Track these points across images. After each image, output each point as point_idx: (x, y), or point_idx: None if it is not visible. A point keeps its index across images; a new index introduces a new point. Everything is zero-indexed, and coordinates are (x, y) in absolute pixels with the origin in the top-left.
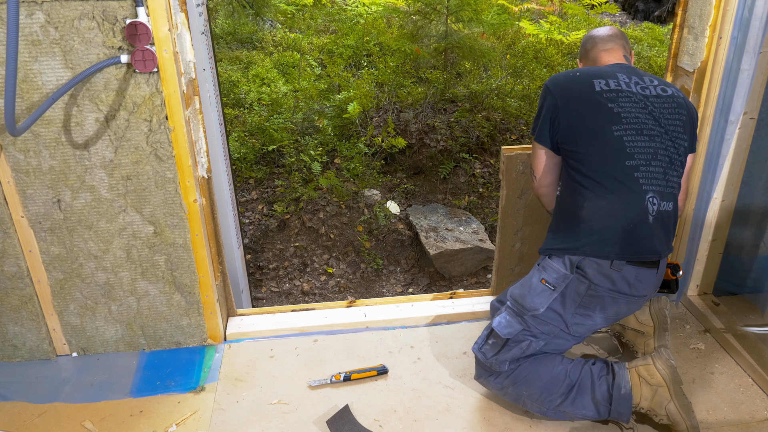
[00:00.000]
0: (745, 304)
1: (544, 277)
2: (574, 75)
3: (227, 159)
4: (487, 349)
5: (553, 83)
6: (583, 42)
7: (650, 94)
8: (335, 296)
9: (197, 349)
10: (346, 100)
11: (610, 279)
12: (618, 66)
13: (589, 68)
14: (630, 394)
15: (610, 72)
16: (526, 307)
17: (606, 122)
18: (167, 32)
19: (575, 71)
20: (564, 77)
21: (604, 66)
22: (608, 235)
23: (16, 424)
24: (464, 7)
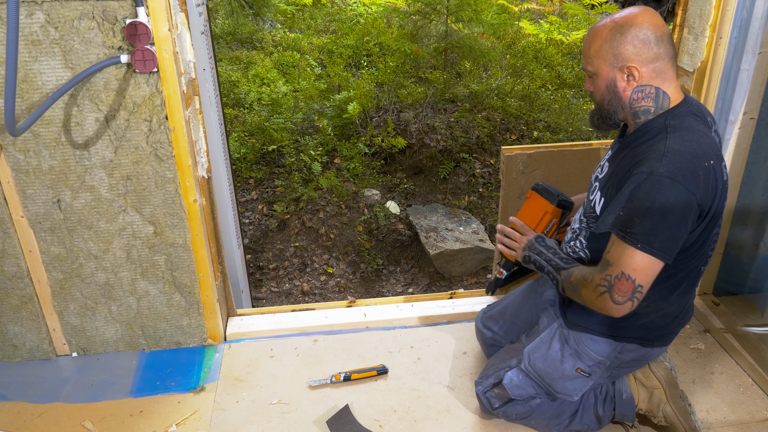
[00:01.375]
0: (745, 304)
1: (579, 367)
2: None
3: (227, 159)
4: (493, 397)
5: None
6: (646, 39)
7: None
8: (335, 296)
9: (197, 349)
10: (346, 100)
11: (648, 355)
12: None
13: (702, 141)
14: (631, 397)
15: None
16: (557, 390)
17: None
18: (167, 32)
19: (706, 156)
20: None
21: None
22: (671, 329)
23: (16, 424)
24: (464, 7)
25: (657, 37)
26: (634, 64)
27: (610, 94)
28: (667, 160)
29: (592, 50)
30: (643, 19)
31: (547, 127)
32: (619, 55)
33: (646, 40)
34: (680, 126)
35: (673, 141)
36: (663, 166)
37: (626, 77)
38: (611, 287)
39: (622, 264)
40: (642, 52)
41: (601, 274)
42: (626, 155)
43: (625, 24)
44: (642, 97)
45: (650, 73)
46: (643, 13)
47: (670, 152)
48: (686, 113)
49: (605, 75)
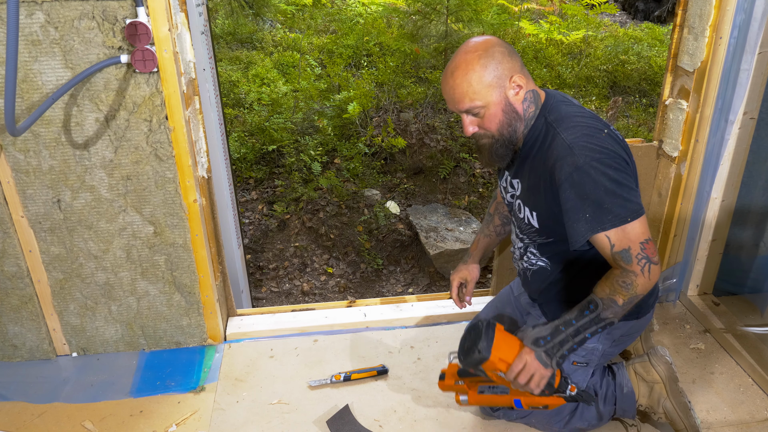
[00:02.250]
0: (745, 304)
1: (574, 359)
2: (602, 132)
3: (227, 159)
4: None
5: (620, 146)
6: (508, 52)
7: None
8: (335, 296)
9: (197, 349)
10: (346, 100)
11: (635, 327)
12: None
13: (585, 112)
14: (632, 391)
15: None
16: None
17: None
18: (167, 32)
19: (599, 128)
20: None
21: (575, 105)
22: (641, 300)
23: (16, 424)
24: (464, 7)
25: (509, 47)
26: (515, 75)
27: (509, 113)
28: (578, 149)
29: (474, 86)
30: (492, 40)
31: None
32: (501, 74)
33: (508, 52)
34: (559, 117)
35: (565, 133)
36: (580, 156)
37: (515, 91)
38: (648, 258)
39: (633, 239)
40: (513, 64)
41: (631, 262)
42: (532, 166)
43: (487, 48)
44: (529, 104)
45: (525, 79)
46: (487, 37)
47: (573, 143)
48: (556, 104)
49: (498, 98)
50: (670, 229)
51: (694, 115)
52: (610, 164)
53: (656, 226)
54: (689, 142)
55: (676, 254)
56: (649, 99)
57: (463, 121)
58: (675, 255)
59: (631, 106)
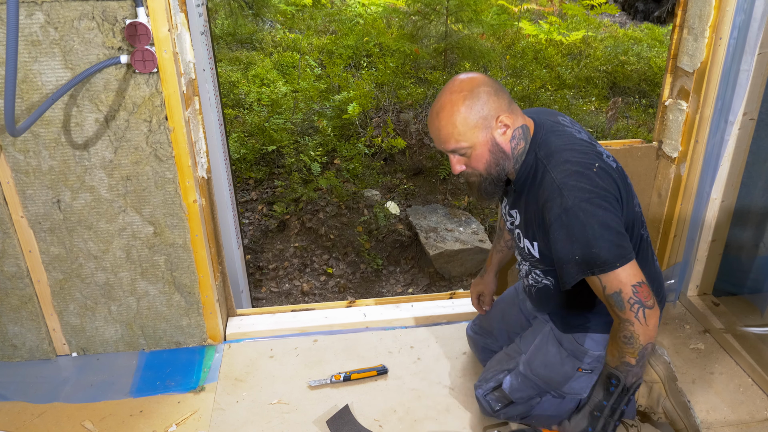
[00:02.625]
0: (745, 305)
1: (580, 366)
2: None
3: (227, 159)
4: (493, 400)
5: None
6: (494, 91)
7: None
8: (335, 296)
9: (197, 349)
10: (345, 100)
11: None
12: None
13: (575, 140)
14: None
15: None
16: (566, 392)
17: (626, 189)
18: (167, 32)
19: (589, 163)
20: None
21: (557, 122)
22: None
23: (16, 424)
24: (464, 8)
25: (496, 85)
26: (502, 115)
27: (496, 153)
28: (567, 189)
29: (459, 128)
30: (478, 79)
31: None
32: (487, 114)
33: (494, 92)
34: (549, 153)
35: (555, 171)
36: (569, 198)
37: (502, 130)
38: (642, 303)
39: (625, 282)
40: (500, 103)
41: (623, 308)
42: (527, 201)
43: (472, 88)
44: (518, 141)
45: (513, 117)
46: (473, 76)
47: (562, 183)
48: (545, 136)
49: (484, 139)
50: (669, 230)
51: (693, 115)
52: (600, 204)
53: (656, 226)
54: (689, 143)
55: (675, 254)
56: (649, 99)
57: (451, 160)
58: (675, 255)
59: (631, 107)
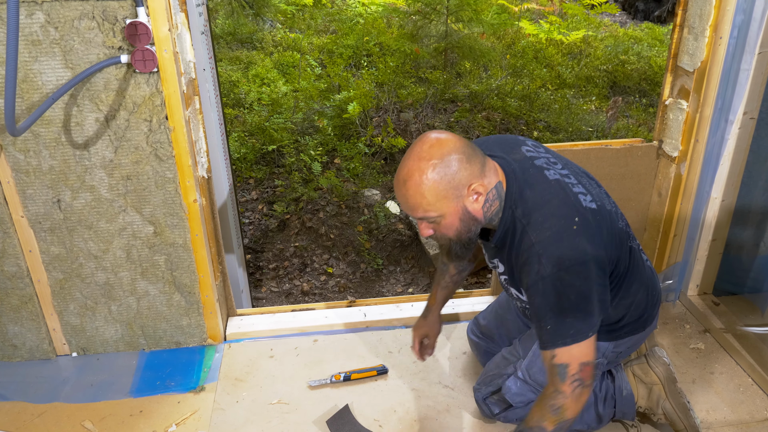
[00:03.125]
0: (745, 304)
1: None
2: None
3: (227, 159)
4: (493, 403)
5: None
6: (466, 157)
7: (545, 152)
8: (335, 296)
9: (197, 349)
10: (346, 100)
11: (640, 340)
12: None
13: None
14: (631, 394)
15: (538, 162)
16: None
17: (615, 224)
18: (167, 32)
19: (567, 225)
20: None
21: (529, 170)
22: (641, 315)
23: (16, 424)
24: (464, 7)
25: (468, 148)
26: (474, 183)
27: (466, 221)
28: (546, 258)
29: (428, 198)
30: (449, 144)
31: (547, 127)
32: (459, 184)
33: (467, 158)
34: (526, 211)
35: (533, 234)
36: (547, 266)
37: (474, 197)
38: (582, 381)
39: (576, 357)
40: (472, 170)
41: (564, 381)
42: (509, 256)
43: (443, 156)
44: (491, 202)
45: (486, 181)
46: (443, 138)
47: (541, 248)
48: (519, 190)
49: (455, 209)
50: (670, 229)
51: (694, 115)
52: (579, 273)
53: (656, 226)
54: (689, 142)
55: (676, 254)
56: (649, 99)
57: (418, 224)
58: (675, 255)
59: (631, 106)
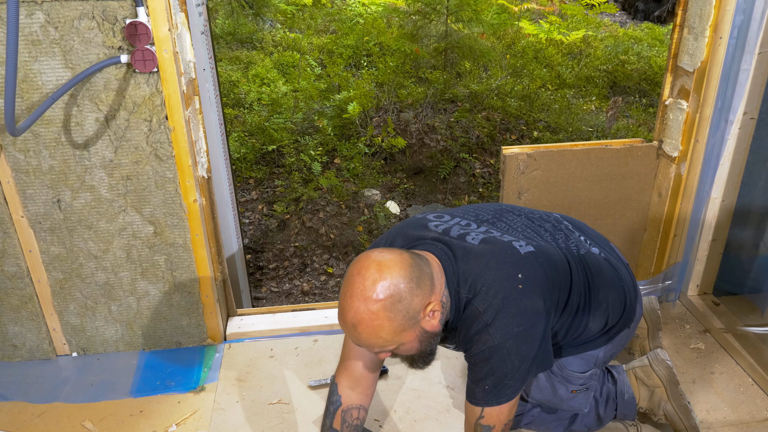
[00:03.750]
0: (745, 304)
1: (573, 388)
2: (519, 284)
3: (227, 159)
4: None
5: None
6: (413, 279)
7: (454, 217)
8: (335, 296)
9: (197, 349)
10: (346, 100)
11: (629, 334)
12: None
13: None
14: (633, 398)
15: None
16: (566, 410)
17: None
18: (167, 32)
19: (511, 286)
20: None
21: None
22: (620, 312)
23: (16, 424)
24: (464, 7)
25: (413, 268)
26: (430, 304)
27: (425, 340)
28: (493, 328)
29: (385, 337)
30: (393, 271)
31: (547, 127)
32: (414, 313)
33: (414, 280)
34: (470, 286)
35: (480, 304)
36: (494, 337)
37: (431, 315)
38: None
39: (501, 420)
40: (423, 291)
41: None
42: (458, 333)
43: (393, 294)
44: (446, 308)
45: (437, 290)
46: (385, 268)
47: (490, 318)
48: (454, 268)
49: (413, 337)
50: (670, 229)
51: (694, 115)
52: (525, 339)
53: (656, 226)
54: (689, 142)
55: (676, 254)
56: (649, 99)
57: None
58: (675, 255)
59: (631, 106)
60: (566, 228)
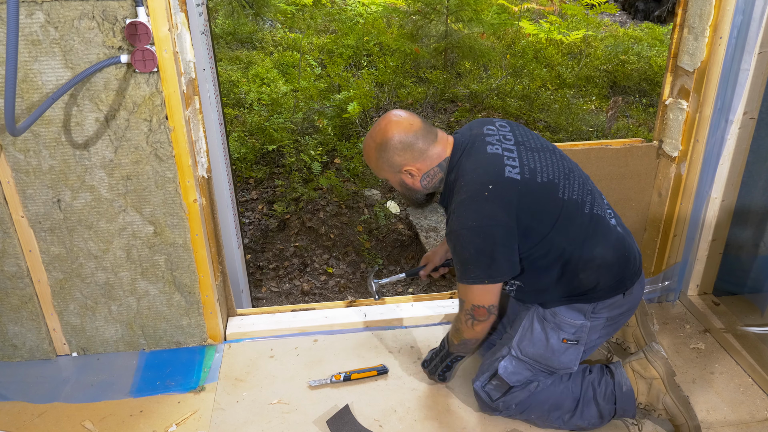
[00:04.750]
0: (745, 304)
1: (564, 337)
2: (485, 192)
3: (227, 159)
4: (491, 389)
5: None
6: (405, 146)
7: (509, 132)
8: (335, 296)
9: (197, 349)
10: (346, 100)
11: (624, 306)
12: (477, 128)
13: (479, 163)
14: (631, 390)
15: (486, 139)
16: (556, 367)
17: (548, 191)
18: (167, 32)
19: (481, 190)
20: (486, 202)
21: (477, 147)
22: (615, 276)
23: (16, 424)
24: (464, 7)
25: (410, 137)
26: (408, 166)
27: (405, 188)
28: (456, 216)
29: (373, 166)
30: (393, 131)
31: (547, 127)
32: (394, 164)
33: (405, 145)
34: (459, 176)
35: (456, 195)
36: (455, 223)
37: (410, 175)
38: (474, 317)
39: (469, 299)
40: (408, 156)
41: (461, 311)
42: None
43: (382, 142)
44: (431, 178)
45: (424, 161)
46: (390, 125)
47: (455, 207)
48: (461, 157)
49: (394, 179)
50: (670, 229)
51: (694, 115)
52: (478, 233)
53: (656, 226)
54: (689, 142)
55: (676, 254)
56: (649, 99)
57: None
58: (675, 255)
59: (631, 106)
60: (594, 192)
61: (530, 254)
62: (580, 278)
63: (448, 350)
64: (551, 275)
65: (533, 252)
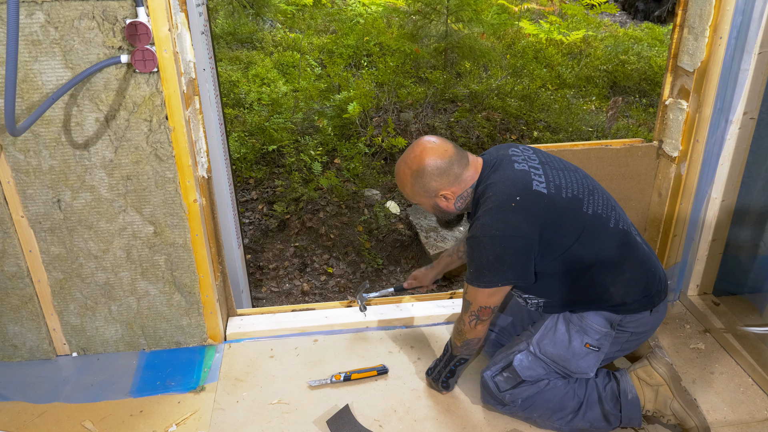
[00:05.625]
0: (745, 304)
1: (588, 342)
2: (513, 203)
3: (227, 159)
4: (501, 381)
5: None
6: (441, 171)
7: (533, 153)
8: (335, 296)
9: (197, 349)
10: (346, 100)
11: (648, 324)
12: (503, 152)
13: (508, 179)
14: (636, 398)
15: (513, 160)
16: (572, 371)
17: (573, 209)
18: (167, 32)
19: (507, 202)
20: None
21: (503, 168)
22: (642, 292)
23: (16, 424)
24: (464, 7)
25: (445, 162)
26: (444, 191)
27: (439, 211)
28: (479, 222)
29: (408, 192)
30: (429, 158)
31: (547, 127)
32: (430, 190)
33: (441, 171)
34: (486, 188)
35: (483, 204)
36: (478, 229)
37: (444, 199)
38: (478, 318)
39: (477, 300)
40: (444, 181)
41: (465, 312)
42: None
43: (418, 169)
44: (464, 200)
45: (459, 185)
46: (426, 152)
47: (480, 216)
48: (488, 173)
49: (428, 204)
50: (670, 229)
51: (694, 115)
52: (500, 242)
53: (656, 226)
54: (689, 142)
55: (676, 254)
56: (649, 99)
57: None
58: (675, 255)
59: (631, 106)
60: (617, 209)
61: (555, 267)
62: (610, 292)
63: (451, 353)
64: (580, 288)
65: (558, 264)
